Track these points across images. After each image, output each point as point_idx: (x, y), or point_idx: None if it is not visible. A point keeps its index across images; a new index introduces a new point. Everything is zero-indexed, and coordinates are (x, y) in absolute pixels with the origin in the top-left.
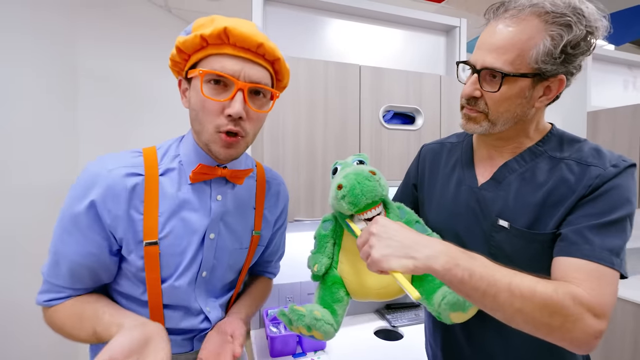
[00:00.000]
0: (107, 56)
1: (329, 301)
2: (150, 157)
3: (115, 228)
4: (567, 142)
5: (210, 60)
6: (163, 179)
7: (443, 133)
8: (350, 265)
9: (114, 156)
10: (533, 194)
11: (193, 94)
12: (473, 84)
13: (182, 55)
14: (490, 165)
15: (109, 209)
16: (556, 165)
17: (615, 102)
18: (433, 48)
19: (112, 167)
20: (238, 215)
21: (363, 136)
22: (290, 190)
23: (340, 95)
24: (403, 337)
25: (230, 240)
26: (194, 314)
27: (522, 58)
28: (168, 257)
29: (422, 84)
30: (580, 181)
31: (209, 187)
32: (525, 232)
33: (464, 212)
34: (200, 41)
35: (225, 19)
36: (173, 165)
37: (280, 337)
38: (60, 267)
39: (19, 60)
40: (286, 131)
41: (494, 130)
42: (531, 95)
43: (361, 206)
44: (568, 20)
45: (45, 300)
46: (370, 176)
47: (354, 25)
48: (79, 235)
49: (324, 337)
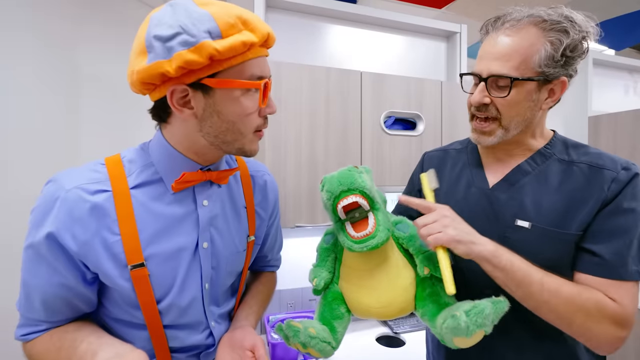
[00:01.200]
0: (109, 60)
1: (328, 318)
2: (115, 169)
3: (85, 256)
4: (571, 146)
5: (249, 65)
6: (136, 192)
7: (444, 138)
8: (349, 282)
9: (72, 172)
10: (552, 194)
11: (229, 104)
12: (481, 92)
13: (203, 63)
14: (501, 167)
15: (73, 235)
16: (568, 167)
17: (616, 107)
18: (434, 54)
19: (70, 186)
20: (229, 217)
21: (364, 142)
22: (292, 196)
23: (342, 101)
24: (405, 343)
25: (225, 246)
26: (199, 330)
27: (527, 63)
28: (159, 277)
29: (423, 90)
30: (595, 184)
31: (192, 194)
32: (550, 230)
33: (475, 213)
34: (244, 48)
35: (249, 16)
36: (146, 176)
37: (282, 344)
38: (32, 300)
39: (20, 63)
40: (288, 137)
41: (508, 137)
42: (538, 98)
43: (336, 193)
44: (564, 27)
45: (22, 335)
46: (352, 168)
47: (355, 32)
48: (45, 266)
49: (320, 355)
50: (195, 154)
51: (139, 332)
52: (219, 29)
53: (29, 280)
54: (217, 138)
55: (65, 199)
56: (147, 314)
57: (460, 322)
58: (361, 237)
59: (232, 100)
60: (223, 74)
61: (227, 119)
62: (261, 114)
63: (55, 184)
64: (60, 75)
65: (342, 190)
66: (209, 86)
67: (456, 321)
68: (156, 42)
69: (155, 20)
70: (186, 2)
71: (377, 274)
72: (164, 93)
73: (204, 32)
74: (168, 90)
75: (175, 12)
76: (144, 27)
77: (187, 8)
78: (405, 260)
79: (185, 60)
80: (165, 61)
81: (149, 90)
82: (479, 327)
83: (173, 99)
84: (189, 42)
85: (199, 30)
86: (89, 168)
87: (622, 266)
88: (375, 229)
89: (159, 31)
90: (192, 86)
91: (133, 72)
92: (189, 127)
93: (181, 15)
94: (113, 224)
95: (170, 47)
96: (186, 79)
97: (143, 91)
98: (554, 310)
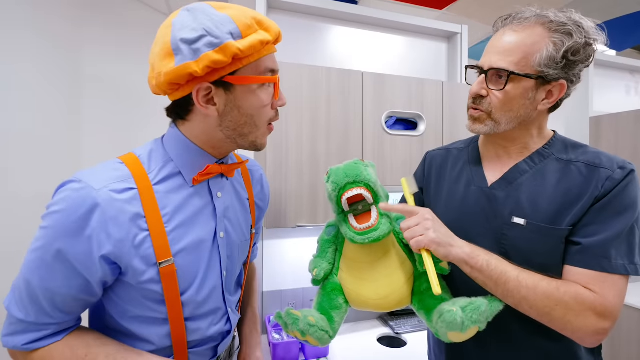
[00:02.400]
0: (112, 62)
1: (326, 308)
2: (135, 166)
3: (119, 255)
4: (570, 146)
5: (264, 61)
6: (159, 188)
7: (445, 138)
8: (349, 274)
9: (95, 172)
10: (548, 192)
11: (248, 99)
12: (480, 83)
13: (227, 62)
14: (500, 166)
15: (108, 235)
16: (565, 166)
17: (617, 107)
18: (435, 54)
19: (99, 186)
20: (237, 208)
21: (365, 142)
22: (293, 195)
23: (343, 102)
24: (406, 344)
25: (237, 234)
26: (219, 317)
27: (527, 60)
28: (184, 271)
29: (424, 90)
30: (591, 181)
31: (207, 186)
32: (543, 227)
33: (474, 211)
34: (261, 46)
35: (262, 17)
36: (167, 172)
37: (283, 344)
38: (39, 304)
39: (21, 63)
40: (289, 137)
41: (499, 130)
42: (534, 97)
43: (342, 184)
44: (569, 29)
45: (26, 343)
46: (358, 161)
47: (356, 32)
48: (67, 269)
49: (318, 343)
50: (212, 148)
51: (159, 327)
52: (239, 30)
53: (40, 283)
54: (235, 131)
55: (98, 197)
56: (171, 308)
57: (456, 317)
58: (364, 229)
59: (250, 94)
60: (242, 70)
61: (246, 113)
62: (274, 107)
63: (81, 184)
64: (61, 76)
65: (348, 182)
66: (230, 83)
67: (452, 316)
68: (183, 45)
69: (179, 24)
70: (205, 7)
71: (377, 267)
72: (186, 92)
73: (227, 34)
74: (194, 89)
75: (196, 17)
76: (166, 32)
77: (208, 12)
78: (404, 254)
79: (212, 60)
80: (193, 62)
81: (172, 90)
82: (473, 323)
83: (199, 97)
84: (214, 43)
85: (222, 32)
86: (110, 167)
87: (605, 258)
88: (377, 222)
89: (185, 34)
90: (215, 84)
91: (160, 74)
92: (210, 122)
93: (204, 19)
94: (142, 220)
95: (197, 49)
96: (210, 77)
97: (167, 92)
98: (534, 306)
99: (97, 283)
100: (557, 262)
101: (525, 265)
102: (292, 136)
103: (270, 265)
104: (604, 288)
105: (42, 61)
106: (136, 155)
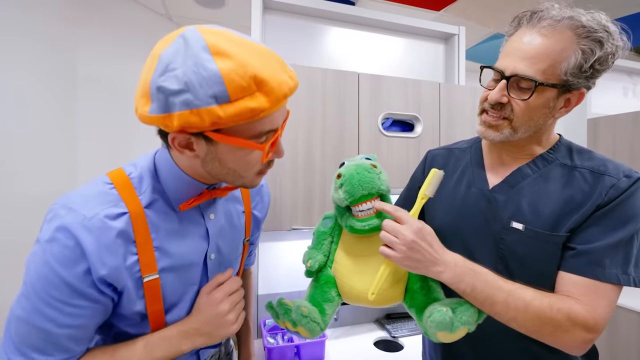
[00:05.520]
0: (107, 63)
1: (319, 300)
2: (125, 188)
3: (116, 279)
4: (575, 151)
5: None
6: (149, 212)
7: (442, 140)
8: (344, 267)
9: (84, 197)
10: (550, 198)
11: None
12: (501, 90)
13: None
14: (503, 169)
15: (103, 263)
16: (569, 172)
17: (615, 109)
18: (432, 56)
19: (91, 214)
20: (230, 225)
21: (362, 144)
22: (289, 197)
23: (339, 103)
24: (403, 348)
25: (229, 254)
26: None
27: (554, 69)
28: (170, 290)
29: (421, 92)
30: (595, 189)
31: (198, 209)
32: (542, 233)
33: (473, 214)
34: (250, 114)
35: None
36: (157, 194)
37: (278, 348)
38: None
39: (16, 65)
40: (284, 139)
41: (514, 138)
42: (554, 105)
43: (357, 196)
44: (600, 37)
45: None
46: (371, 168)
47: (353, 33)
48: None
49: (309, 334)
50: (201, 177)
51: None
52: (227, 93)
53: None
54: (217, 178)
55: (90, 226)
56: (154, 325)
57: (446, 317)
58: (364, 216)
59: (236, 152)
60: (226, 130)
61: (229, 167)
62: (267, 159)
63: (71, 213)
64: (57, 77)
65: (363, 195)
66: (211, 138)
67: (442, 316)
68: (159, 94)
69: (164, 62)
70: (199, 48)
71: (373, 261)
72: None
73: (210, 97)
74: (169, 136)
75: (185, 60)
76: (152, 64)
77: (200, 59)
78: None
79: (186, 121)
80: (167, 116)
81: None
82: (463, 324)
83: (175, 143)
84: (193, 104)
85: (205, 94)
86: (99, 190)
87: (599, 266)
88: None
89: (164, 82)
90: (194, 135)
91: (136, 110)
92: (192, 161)
93: (191, 68)
94: (132, 245)
95: (172, 104)
96: (187, 130)
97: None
98: (522, 326)
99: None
100: (555, 268)
101: (523, 270)
102: (287, 137)
103: (265, 268)
104: (595, 299)
105: (36, 62)
106: (126, 174)
